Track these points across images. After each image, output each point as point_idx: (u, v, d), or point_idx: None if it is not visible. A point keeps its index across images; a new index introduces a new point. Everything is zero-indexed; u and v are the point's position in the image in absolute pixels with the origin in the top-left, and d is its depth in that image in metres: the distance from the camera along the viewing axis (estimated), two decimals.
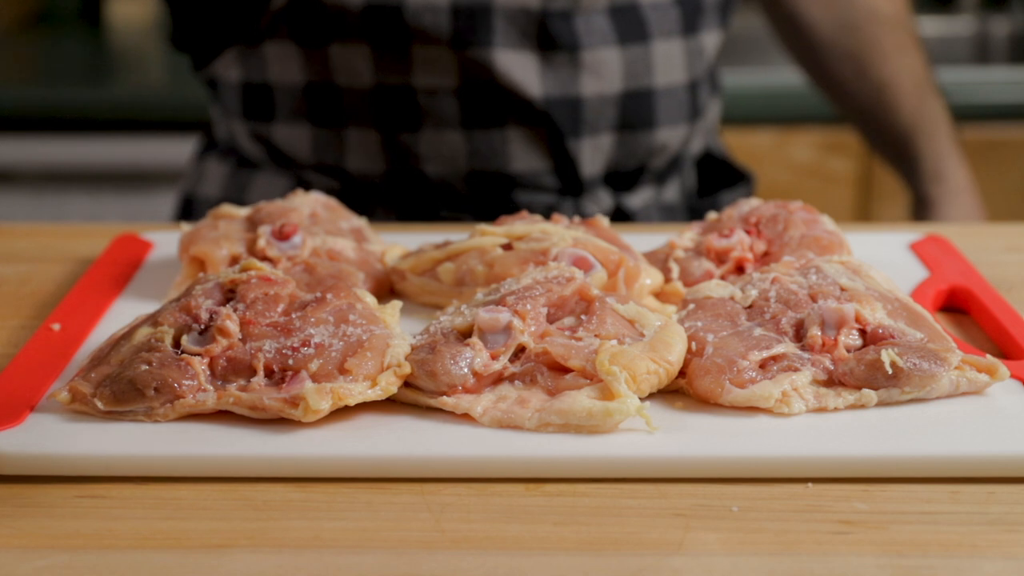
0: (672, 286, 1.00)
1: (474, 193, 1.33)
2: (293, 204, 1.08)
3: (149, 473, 0.77)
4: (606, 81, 1.30)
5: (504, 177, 1.31)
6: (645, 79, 1.32)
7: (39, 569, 0.68)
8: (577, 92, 1.29)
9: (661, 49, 1.32)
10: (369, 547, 0.70)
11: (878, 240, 1.16)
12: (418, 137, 1.30)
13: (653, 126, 1.34)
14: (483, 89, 1.27)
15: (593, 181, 1.35)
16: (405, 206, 1.35)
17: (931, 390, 0.83)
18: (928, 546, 0.70)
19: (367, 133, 1.30)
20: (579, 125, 1.30)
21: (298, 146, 1.33)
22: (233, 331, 0.86)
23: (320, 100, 1.31)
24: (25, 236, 1.23)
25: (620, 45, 1.29)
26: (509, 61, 1.26)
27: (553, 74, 1.28)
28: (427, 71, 1.27)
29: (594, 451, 0.78)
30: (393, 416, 0.82)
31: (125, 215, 2.29)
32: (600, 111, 1.31)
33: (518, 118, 1.29)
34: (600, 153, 1.33)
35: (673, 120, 1.35)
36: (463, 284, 0.99)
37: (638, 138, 1.34)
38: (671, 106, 1.34)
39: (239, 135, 1.39)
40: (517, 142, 1.30)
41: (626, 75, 1.31)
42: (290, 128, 1.33)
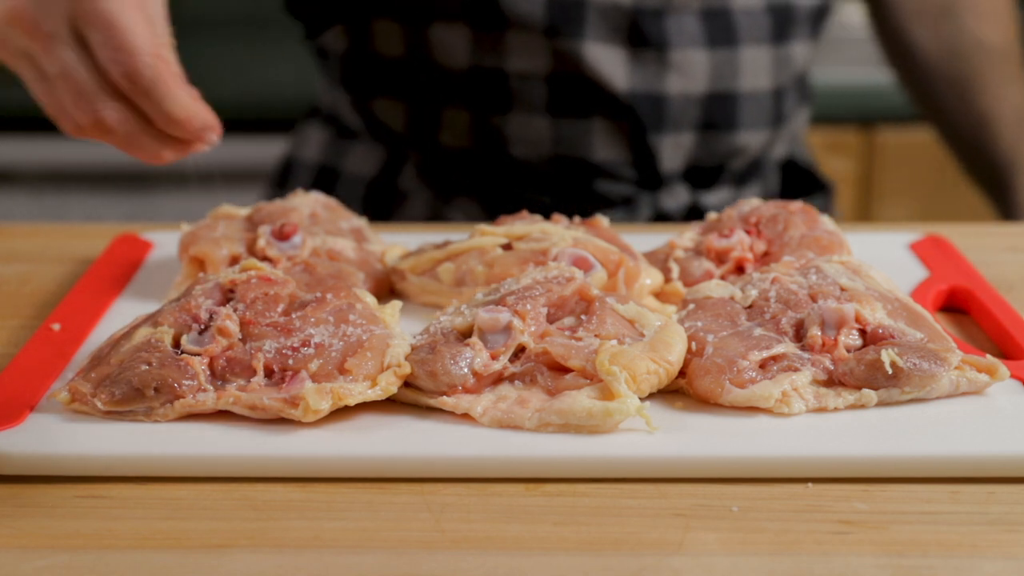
0: (672, 286, 1.00)
1: (556, 178, 1.36)
2: (293, 204, 1.08)
3: (149, 473, 0.77)
4: (691, 80, 1.32)
5: (586, 165, 1.35)
6: (730, 82, 1.34)
7: (39, 569, 0.68)
8: (662, 89, 1.32)
9: (749, 55, 1.34)
10: (369, 547, 0.70)
11: (878, 240, 1.16)
12: (507, 120, 1.34)
13: (735, 128, 1.36)
14: (571, 79, 1.31)
15: (672, 176, 1.37)
16: (490, 184, 1.39)
17: (931, 390, 0.83)
18: (928, 546, 0.70)
19: (459, 112, 1.34)
20: (661, 121, 1.33)
21: (394, 119, 1.38)
22: (233, 331, 0.86)
23: (418, 77, 1.35)
24: (25, 236, 1.23)
25: (708, 47, 1.32)
26: (598, 54, 1.30)
27: (640, 70, 1.31)
28: (520, 57, 1.31)
29: (594, 451, 0.78)
30: (393, 416, 0.82)
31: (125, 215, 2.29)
32: (683, 109, 1.33)
33: (603, 109, 1.32)
34: (680, 150, 1.35)
35: (755, 124, 1.37)
36: (463, 284, 0.99)
37: (719, 138, 1.36)
38: (754, 110, 1.36)
39: (341, 104, 1.44)
40: (600, 132, 1.33)
41: (711, 77, 1.33)
42: (388, 101, 1.38)
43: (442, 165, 1.39)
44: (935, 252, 1.12)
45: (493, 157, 1.36)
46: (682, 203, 1.38)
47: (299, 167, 1.47)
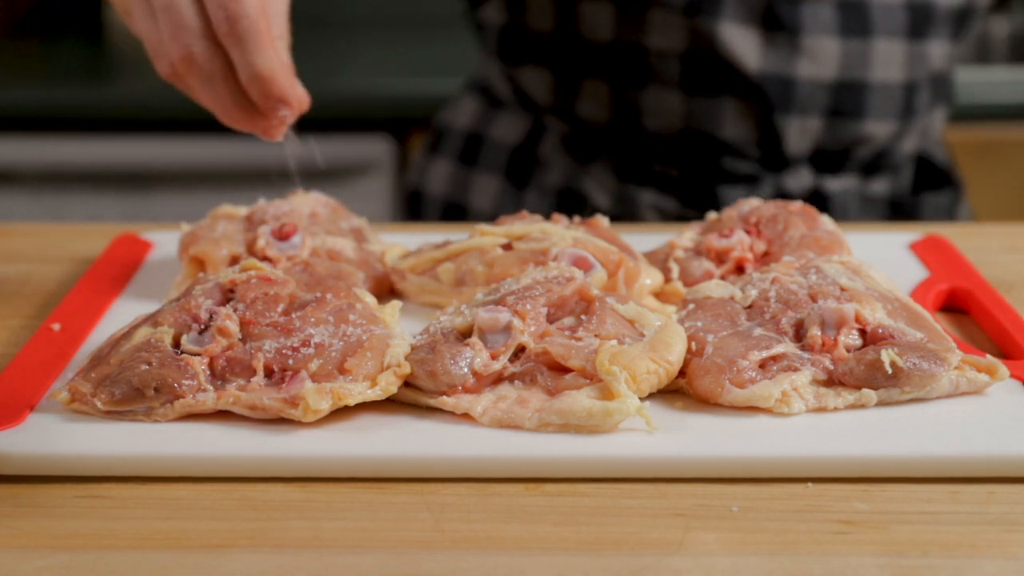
0: (672, 286, 1.00)
1: (685, 152, 1.41)
2: (293, 204, 1.08)
3: (149, 473, 0.77)
4: (822, 67, 1.36)
5: (714, 141, 1.39)
6: (860, 71, 1.37)
7: (39, 569, 0.68)
8: (792, 73, 1.35)
9: (882, 47, 1.37)
10: (369, 547, 0.70)
11: (878, 240, 1.16)
12: (643, 94, 1.39)
13: (861, 117, 1.39)
14: (706, 57, 1.36)
15: (797, 159, 1.40)
16: (624, 155, 1.43)
17: (931, 390, 0.83)
18: (928, 546, 0.70)
19: (599, 84, 1.40)
20: (790, 104, 1.36)
21: (539, 89, 1.44)
22: (233, 331, 0.86)
23: (564, 49, 1.41)
24: (25, 236, 1.23)
25: (841, 36, 1.35)
26: (733, 35, 1.34)
27: (772, 53, 1.35)
28: (659, 34, 1.36)
29: (594, 451, 0.78)
30: (393, 416, 0.82)
31: (125, 215, 2.29)
32: (812, 94, 1.36)
33: (734, 89, 1.36)
34: (807, 134, 1.38)
35: (883, 115, 1.40)
36: (463, 284, 0.99)
37: (846, 125, 1.39)
38: (883, 102, 1.39)
39: (492, 75, 1.52)
40: (730, 111, 1.37)
41: (842, 65, 1.36)
42: (535, 72, 1.44)
43: (580, 135, 1.44)
44: (935, 252, 1.12)
45: (628, 129, 1.41)
46: (805, 186, 1.42)
47: (450, 135, 1.55)
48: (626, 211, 1.42)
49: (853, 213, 1.43)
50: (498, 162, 1.49)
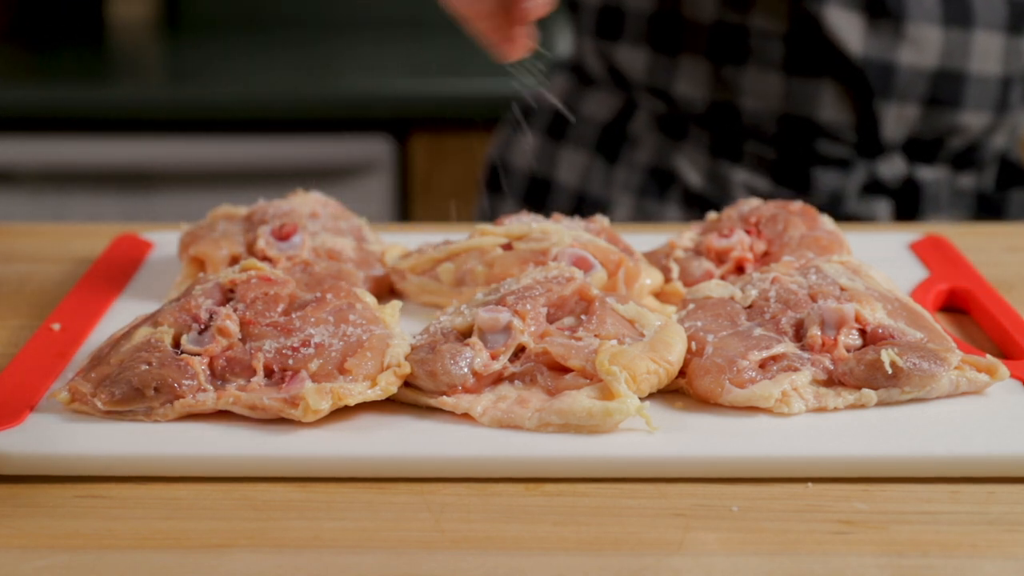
0: (672, 286, 1.00)
1: (781, 133, 1.41)
2: (293, 204, 1.08)
3: (149, 473, 0.77)
4: (923, 54, 1.36)
5: (810, 124, 1.40)
6: (960, 61, 1.37)
7: (39, 569, 0.68)
8: (894, 58, 1.36)
9: (981, 38, 1.37)
10: (369, 547, 0.70)
11: (878, 240, 1.16)
12: (742, 73, 1.40)
13: (958, 107, 1.39)
14: (809, 39, 1.37)
15: (892, 145, 1.41)
16: (718, 135, 1.44)
17: (931, 390, 0.83)
18: (928, 546, 0.70)
19: (698, 62, 1.41)
20: (889, 89, 1.37)
21: (634, 67, 1.45)
22: (233, 331, 0.86)
23: (663, 27, 1.43)
24: (25, 236, 1.23)
25: (943, 25, 1.36)
26: (838, 18, 1.35)
27: (875, 38, 1.36)
28: (763, 15, 1.37)
29: (594, 451, 0.78)
30: (393, 416, 0.82)
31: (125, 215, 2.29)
32: (912, 81, 1.37)
33: (834, 72, 1.37)
34: (903, 121, 1.39)
35: (978, 107, 1.40)
36: (463, 284, 0.99)
37: (942, 115, 1.39)
38: (979, 94, 1.39)
39: (587, 52, 1.52)
40: (829, 94, 1.38)
41: (943, 53, 1.37)
42: (631, 50, 1.45)
43: (674, 114, 1.45)
44: (935, 252, 1.12)
45: (724, 109, 1.42)
46: (898, 173, 1.42)
47: (539, 110, 1.55)
48: (718, 189, 1.43)
49: (944, 204, 1.43)
50: (587, 138, 1.50)
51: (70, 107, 2.26)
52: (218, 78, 2.38)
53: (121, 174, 2.29)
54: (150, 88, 2.39)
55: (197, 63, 2.51)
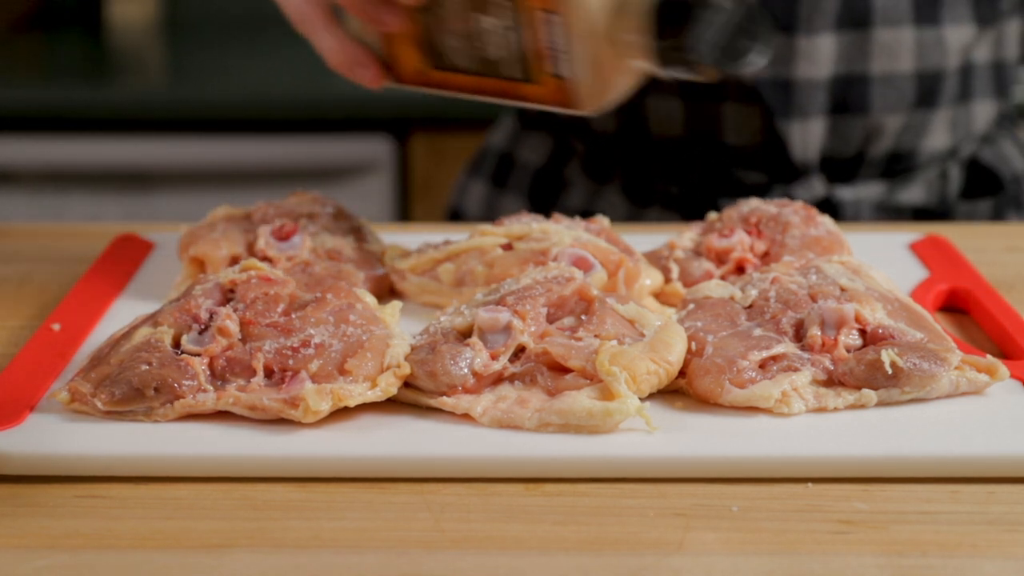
0: (672, 287, 1.00)
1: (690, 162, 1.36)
2: (293, 204, 1.08)
3: (149, 473, 0.77)
4: (818, 65, 1.30)
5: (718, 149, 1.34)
6: (860, 65, 1.31)
7: (39, 569, 0.68)
8: (788, 74, 1.30)
9: (883, 36, 1.31)
10: (369, 547, 0.70)
11: (878, 240, 1.16)
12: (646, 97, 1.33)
13: (865, 112, 1.33)
14: None
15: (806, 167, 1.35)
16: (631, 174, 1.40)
17: (931, 390, 0.83)
18: (928, 546, 0.70)
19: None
20: (789, 107, 1.31)
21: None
22: (233, 331, 0.86)
23: None
24: (25, 236, 1.23)
25: (836, 31, 1.30)
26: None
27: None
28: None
29: (594, 451, 0.78)
30: (393, 416, 0.82)
31: (125, 215, 2.29)
32: (810, 94, 1.31)
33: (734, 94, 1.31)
34: (811, 138, 1.33)
35: (890, 108, 1.33)
36: (463, 284, 0.99)
37: (850, 123, 1.33)
38: (888, 94, 1.33)
39: None
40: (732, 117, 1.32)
41: (839, 59, 1.31)
42: None
43: (596, 152, 1.42)
44: (935, 252, 1.12)
45: (635, 136, 1.38)
46: (816, 196, 1.36)
47: (488, 154, 1.54)
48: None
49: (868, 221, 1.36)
50: (523, 184, 1.47)
51: (70, 107, 2.26)
52: (218, 78, 2.38)
53: (121, 174, 2.29)
54: (150, 88, 2.39)
55: (197, 63, 2.51)
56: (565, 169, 1.45)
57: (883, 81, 1.32)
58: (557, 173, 1.45)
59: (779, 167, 1.35)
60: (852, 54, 1.31)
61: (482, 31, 0.93)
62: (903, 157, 1.37)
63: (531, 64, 0.93)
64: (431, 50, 0.97)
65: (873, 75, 1.32)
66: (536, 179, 1.46)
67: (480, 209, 1.51)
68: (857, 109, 1.33)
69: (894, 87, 1.32)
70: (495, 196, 1.50)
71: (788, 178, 1.35)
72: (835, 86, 1.32)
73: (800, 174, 1.35)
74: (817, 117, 1.33)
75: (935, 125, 1.36)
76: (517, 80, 0.95)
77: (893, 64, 1.32)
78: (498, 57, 0.94)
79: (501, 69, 0.95)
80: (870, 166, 1.37)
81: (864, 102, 1.32)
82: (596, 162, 1.42)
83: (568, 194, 1.44)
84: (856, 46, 1.31)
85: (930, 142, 1.37)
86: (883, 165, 1.37)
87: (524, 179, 1.47)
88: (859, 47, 1.31)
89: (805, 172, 1.35)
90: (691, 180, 1.38)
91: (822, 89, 1.31)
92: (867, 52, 1.31)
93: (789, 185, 1.36)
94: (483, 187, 1.52)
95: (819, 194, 1.36)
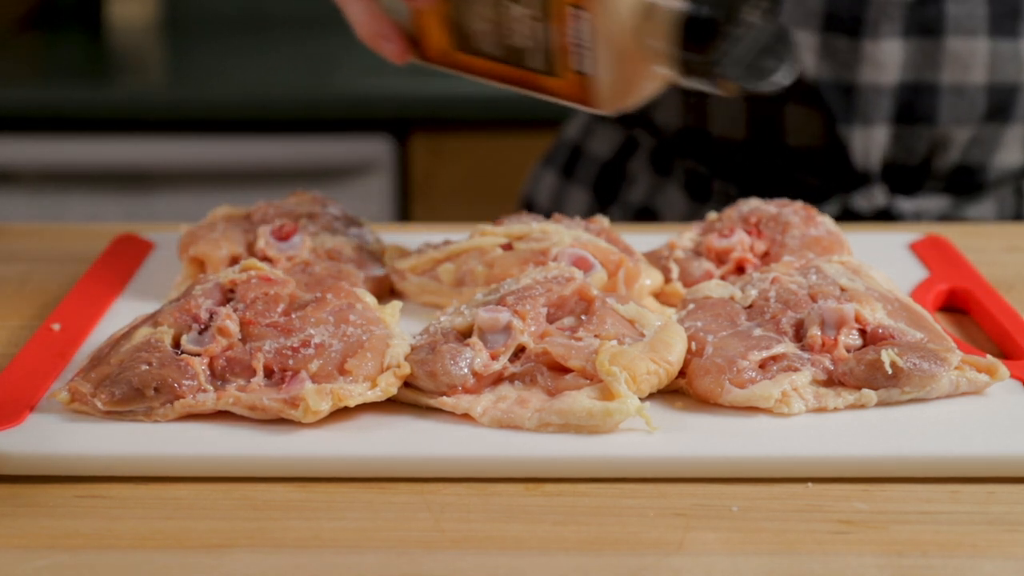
0: (672, 287, 1.00)
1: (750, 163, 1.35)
2: (293, 204, 1.08)
3: (149, 473, 0.77)
4: (883, 71, 1.27)
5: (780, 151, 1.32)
6: (929, 73, 1.27)
7: (39, 569, 0.68)
8: (852, 78, 1.28)
9: (955, 45, 1.27)
10: (369, 547, 0.70)
11: (878, 240, 1.16)
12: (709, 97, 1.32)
13: (933, 123, 1.29)
14: None
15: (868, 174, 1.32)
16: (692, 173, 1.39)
17: (931, 390, 0.83)
18: (928, 546, 0.70)
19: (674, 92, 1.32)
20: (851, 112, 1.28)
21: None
22: (233, 331, 0.86)
23: None
24: (25, 236, 1.23)
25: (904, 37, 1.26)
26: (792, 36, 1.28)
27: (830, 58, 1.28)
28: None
29: (594, 451, 0.78)
30: (393, 416, 0.82)
31: (125, 215, 2.29)
32: (874, 100, 1.28)
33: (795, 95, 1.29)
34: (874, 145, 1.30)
35: (959, 120, 1.29)
36: (463, 284, 0.99)
37: (916, 133, 1.30)
38: (958, 105, 1.29)
39: None
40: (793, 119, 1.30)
41: (907, 67, 1.28)
42: None
43: (660, 146, 1.41)
44: (935, 252, 1.12)
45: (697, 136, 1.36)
46: (875, 205, 1.33)
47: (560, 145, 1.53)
48: None
49: None
50: (590, 176, 1.47)
51: (70, 107, 2.26)
52: (218, 78, 2.38)
53: (121, 174, 2.29)
54: (150, 88, 2.39)
55: (197, 63, 2.51)
56: (630, 163, 1.44)
57: (953, 92, 1.28)
58: (622, 166, 1.45)
59: (839, 173, 1.32)
60: (920, 62, 1.27)
61: (510, 19, 0.93)
62: (971, 171, 1.33)
63: (555, 57, 0.93)
64: (458, 32, 0.97)
65: (942, 85, 1.28)
66: (602, 171, 1.46)
67: (549, 200, 1.51)
68: (923, 119, 1.29)
69: (964, 98, 1.28)
70: (563, 187, 1.50)
71: (848, 185, 1.32)
72: (901, 93, 1.28)
73: (861, 182, 1.32)
74: (880, 124, 1.29)
75: (1007, 140, 1.32)
76: (539, 72, 0.95)
77: (964, 75, 1.28)
78: (523, 46, 0.94)
79: (525, 59, 0.94)
80: (935, 178, 1.33)
81: (931, 112, 1.28)
82: (660, 157, 1.42)
83: (631, 188, 1.44)
84: (925, 54, 1.27)
85: (1002, 157, 1.33)
86: (949, 178, 1.33)
87: (591, 171, 1.47)
88: (929, 55, 1.27)
89: (866, 180, 1.32)
90: (750, 181, 1.36)
91: (887, 96, 1.28)
92: (937, 61, 1.27)
93: (849, 193, 1.33)
94: (553, 178, 1.52)
95: (880, 204, 1.33)
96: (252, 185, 2.27)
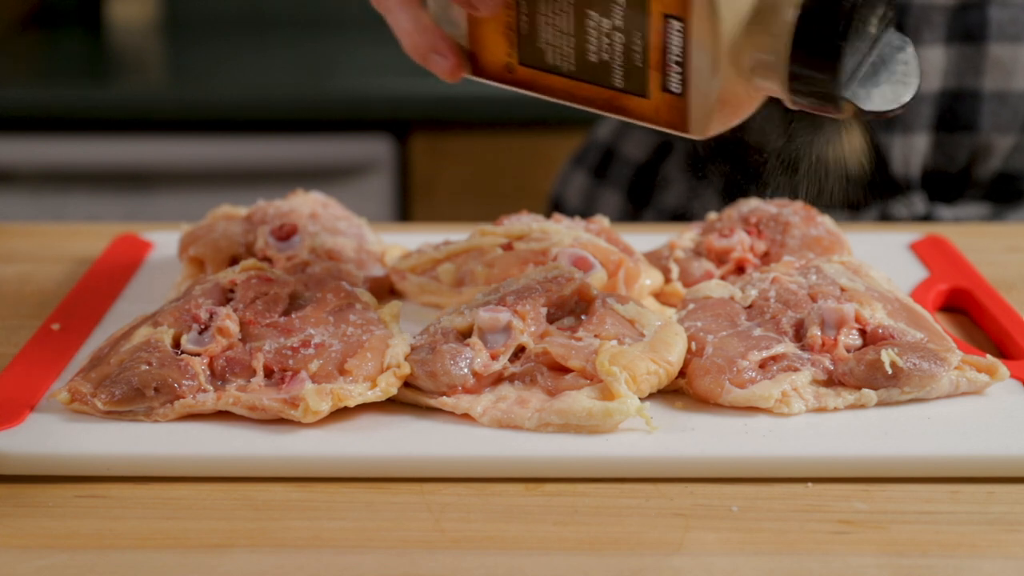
0: (672, 287, 1.00)
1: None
2: (293, 204, 1.08)
3: (149, 473, 0.77)
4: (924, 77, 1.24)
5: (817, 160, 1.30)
6: (971, 80, 1.26)
7: (39, 569, 0.68)
8: None
9: (998, 51, 1.25)
10: (369, 547, 0.70)
11: (878, 240, 1.16)
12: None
13: (974, 130, 1.27)
14: None
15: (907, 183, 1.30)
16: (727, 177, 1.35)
17: (931, 390, 0.83)
18: (928, 546, 0.70)
19: None
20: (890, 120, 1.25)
21: None
22: (233, 331, 0.86)
23: None
24: (25, 236, 1.23)
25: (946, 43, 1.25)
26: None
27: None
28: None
29: (594, 451, 0.78)
30: (393, 416, 0.82)
31: (125, 215, 2.29)
32: (914, 108, 1.26)
33: None
34: (914, 153, 1.28)
35: (1001, 128, 1.27)
36: (463, 284, 0.99)
37: (957, 140, 1.28)
38: (1001, 111, 1.27)
39: None
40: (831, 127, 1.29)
41: (948, 73, 1.26)
42: None
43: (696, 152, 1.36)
44: (935, 252, 1.12)
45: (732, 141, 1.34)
46: (914, 214, 1.31)
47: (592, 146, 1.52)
48: None
49: None
50: (623, 178, 1.45)
51: (70, 107, 2.26)
52: (218, 78, 2.38)
53: (121, 174, 2.29)
54: (150, 88, 2.39)
55: (197, 63, 2.51)
56: (665, 166, 1.42)
57: (995, 99, 1.27)
58: (656, 169, 1.43)
59: (879, 181, 1.29)
60: (963, 68, 1.26)
61: (585, 29, 0.81)
62: (1014, 180, 1.32)
63: (637, 74, 0.81)
64: (522, 43, 0.85)
65: (984, 92, 1.26)
66: (636, 174, 1.45)
67: (579, 200, 1.50)
68: (965, 126, 1.27)
69: (1007, 106, 1.27)
70: (595, 188, 1.49)
71: (887, 193, 1.31)
72: (942, 101, 1.27)
73: (900, 190, 1.30)
74: (921, 132, 1.27)
75: None
76: (617, 90, 0.83)
77: (1008, 82, 1.26)
78: (599, 61, 0.82)
79: (600, 75, 0.83)
80: (976, 187, 1.32)
81: (973, 119, 1.27)
82: (695, 162, 1.38)
83: (665, 192, 1.42)
84: (968, 60, 1.26)
85: None
86: (990, 187, 1.32)
87: (625, 173, 1.46)
88: (971, 62, 1.26)
89: (906, 188, 1.30)
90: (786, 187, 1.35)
91: (927, 103, 1.26)
92: (979, 68, 1.26)
93: (887, 201, 1.31)
94: (584, 179, 1.51)
95: (919, 212, 1.31)
96: (252, 185, 2.26)
